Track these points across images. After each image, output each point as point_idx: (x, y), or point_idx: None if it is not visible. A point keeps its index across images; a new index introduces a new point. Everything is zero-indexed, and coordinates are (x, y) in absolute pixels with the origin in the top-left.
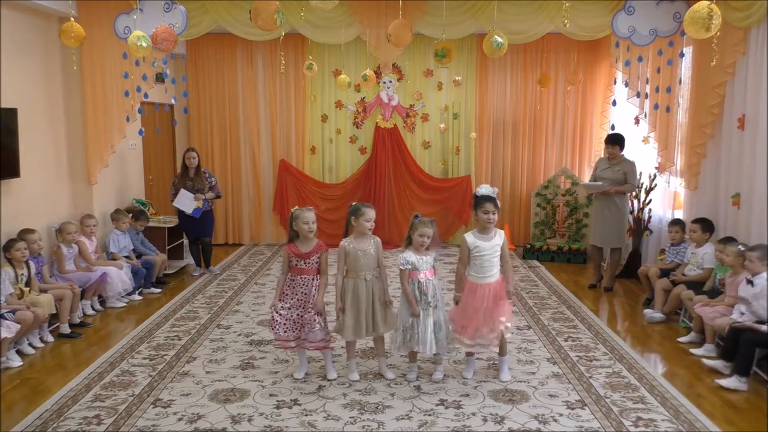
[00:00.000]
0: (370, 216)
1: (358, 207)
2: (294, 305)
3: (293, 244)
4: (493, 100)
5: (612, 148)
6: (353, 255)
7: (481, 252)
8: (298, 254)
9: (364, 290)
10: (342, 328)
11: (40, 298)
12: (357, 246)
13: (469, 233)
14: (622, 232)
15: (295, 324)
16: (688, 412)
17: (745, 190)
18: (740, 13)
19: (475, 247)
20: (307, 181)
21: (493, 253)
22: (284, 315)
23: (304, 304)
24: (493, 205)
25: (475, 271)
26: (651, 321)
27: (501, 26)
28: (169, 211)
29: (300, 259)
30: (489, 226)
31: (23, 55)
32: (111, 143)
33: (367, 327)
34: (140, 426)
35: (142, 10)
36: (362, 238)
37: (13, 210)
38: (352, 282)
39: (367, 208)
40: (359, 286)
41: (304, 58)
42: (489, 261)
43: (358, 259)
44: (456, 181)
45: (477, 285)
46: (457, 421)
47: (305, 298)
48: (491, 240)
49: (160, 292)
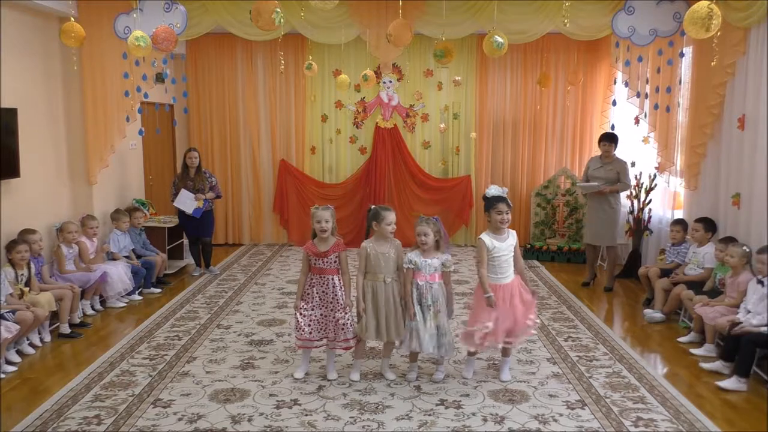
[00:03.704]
0: (391, 219)
1: (378, 212)
2: (317, 305)
3: (311, 242)
4: (493, 100)
5: (608, 146)
6: (374, 257)
7: (499, 253)
8: (315, 253)
9: (383, 293)
10: (364, 330)
11: (40, 298)
12: (378, 249)
13: (485, 235)
14: (617, 230)
15: (319, 324)
16: (688, 412)
17: (745, 190)
18: (740, 13)
19: (494, 248)
20: (307, 181)
21: (509, 253)
22: (307, 315)
23: (326, 303)
24: (506, 204)
25: (493, 273)
26: (651, 321)
27: (501, 26)
28: (169, 211)
29: (318, 258)
30: (502, 227)
31: (23, 55)
32: (111, 143)
33: (388, 329)
34: (140, 426)
35: (142, 10)
36: (383, 241)
37: (13, 210)
38: (372, 284)
39: (387, 211)
40: (378, 289)
41: (304, 58)
42: (506, 261)
43: (378, 261)
44: (456, 181)
45: (497, 286)
46: (457, 421)
47: (327, 298)
48: (506, 240)
49: (160, 292)
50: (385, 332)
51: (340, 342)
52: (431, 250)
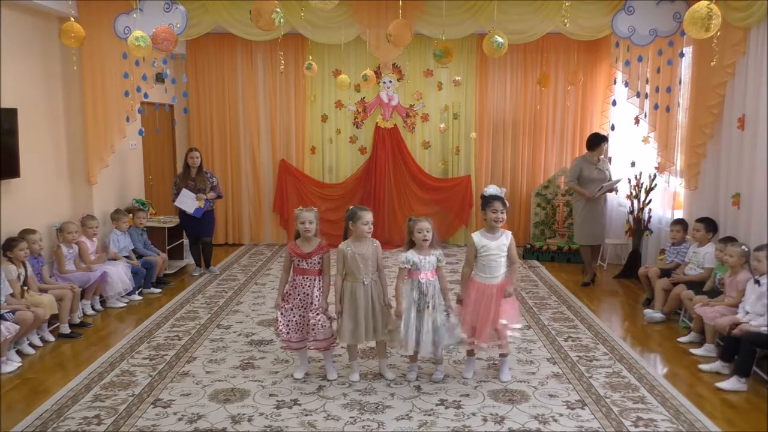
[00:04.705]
0: (368, 219)
1: (355, 211)
2: (296, 305)
3: (295, 243)
4: (493, 100)
5: (604, 147)
6: (351, 259)
7: (488, 251)
8: (299, 254)
9: (362, 294)
10: (341, 332)
11: (42, 299)
12: (355, 250)
13: (477, 233)
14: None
15: (298, 325)
16: (688, 412)
17: (745, 190)
18: (740, 13)
19: (482, 246)
20: (307, 181)
21: (499, 253)
22: (287, 315)
23: (305, 304)
24: (501, 203)
25: (482, 271)
26: (651, 321)
27: (501, 26)
28: (169, 211)
29: (302, 259)
30: (497, 226)
31: (23, 55)
32: (111, 143)
33: (367, 331)
34: (140, 426)
35: (142, 10)
36: (361, 242)
37: (13, 210)
38: (350, 285)
39: (363, 211)
40: (357, 290)
41: (304, 58)
42: (495, 261)
43: (356, 262)
44: (456, 181)
45: (484, 285)
46: (457, 421)
47: (306, 299)
48: (498, 240)
49: (160, 292)
50: (363, 334)
51: (311, 342)
52: (427, 248)
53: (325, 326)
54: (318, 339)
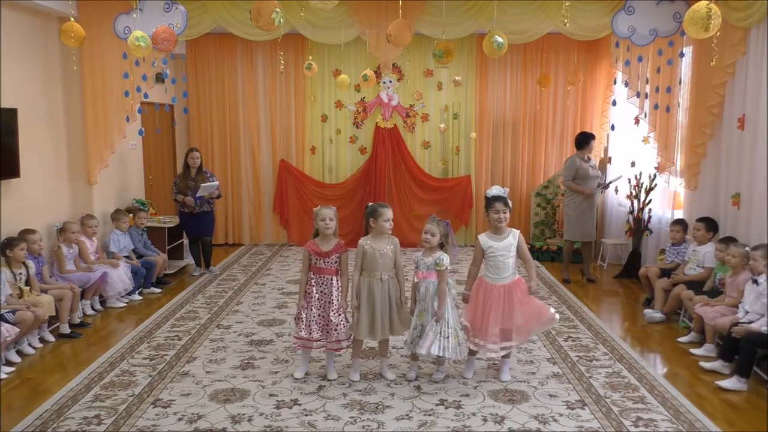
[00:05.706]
0: (388, 216)
1: (375, 208)
2: (315, 305)
3: (314, 241)
4: (493, 100)
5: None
6: (370, 255)
7: (495, 252)
8: (318, 252)
9: (379, 290)
10: (357, 327)
11: (41, 299)
12: (375, 246)
13: (483, 234)
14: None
15: (317, 324)
16: (688, 412)
17: (745, 190)
18: (740, 13)
19: (489, 247)
20: (307, 181)
21: (506, 253)
22: (306, 315)
23: (324, 304)
24: (503, 204)
25: (490, 272)
26: (651, 321)
27: (501, 26)
28: (169, 211)
29: (320, 258)
30: (500, 226)
31: (23, 55)
32: (111, 143)
33: (383, 328)
34: (140, 426)
35: (142, 10)
36: (381, 238)
37: (13, 210)
38: (368, 281)
39: (384, 208)
40: (374, 286)
41: (304, 58)
42: (503, 261)
43: (375, 259)
44: (456, 181)
45: (492, 286)
46: (457, 421)
47: (324, 298)
48: (504, 240)
49: (160, 292)
50: (379, 330)
51: (332, 343)
52: (433, 250)
53: (346, 326)
54: (338, 339)
